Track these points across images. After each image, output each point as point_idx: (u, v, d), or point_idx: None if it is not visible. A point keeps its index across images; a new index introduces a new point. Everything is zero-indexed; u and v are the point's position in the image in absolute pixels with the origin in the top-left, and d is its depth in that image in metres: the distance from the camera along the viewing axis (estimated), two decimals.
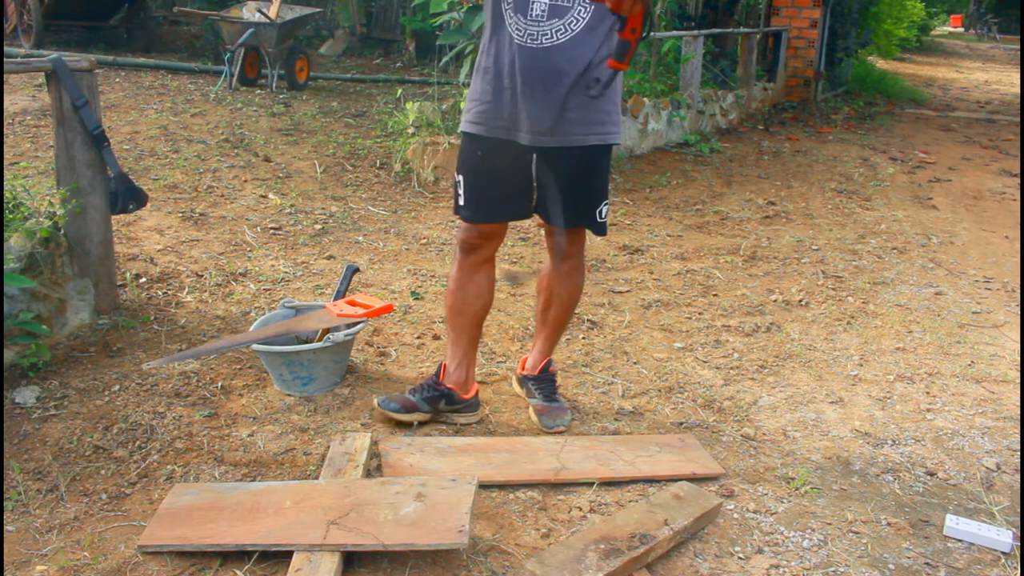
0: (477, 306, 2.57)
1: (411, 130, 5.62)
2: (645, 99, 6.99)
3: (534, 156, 2.42)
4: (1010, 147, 8.27)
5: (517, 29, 2.28)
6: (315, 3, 10.37)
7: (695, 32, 7.83)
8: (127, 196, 3.15)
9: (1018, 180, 6.78)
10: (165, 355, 2.91)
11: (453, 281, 2.56)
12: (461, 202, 2.48)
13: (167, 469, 2.31)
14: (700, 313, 3.66)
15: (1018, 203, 5.98)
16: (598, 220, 2.51)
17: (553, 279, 2.64)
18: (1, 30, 9.14)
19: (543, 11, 2.26)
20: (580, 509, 2.21)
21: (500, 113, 2.36)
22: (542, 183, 2.47)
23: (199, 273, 3.69)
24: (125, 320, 3.16)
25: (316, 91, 8.45)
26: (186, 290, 3.51)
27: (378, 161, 5.76)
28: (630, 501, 2.26)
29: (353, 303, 2.74)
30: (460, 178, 2.47)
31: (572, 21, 2.26)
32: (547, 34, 2.26)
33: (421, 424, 2.59)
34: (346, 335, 2.77)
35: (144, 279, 3.57)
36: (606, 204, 2.51)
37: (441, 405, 2.61)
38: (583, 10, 2.26)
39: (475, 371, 2.70)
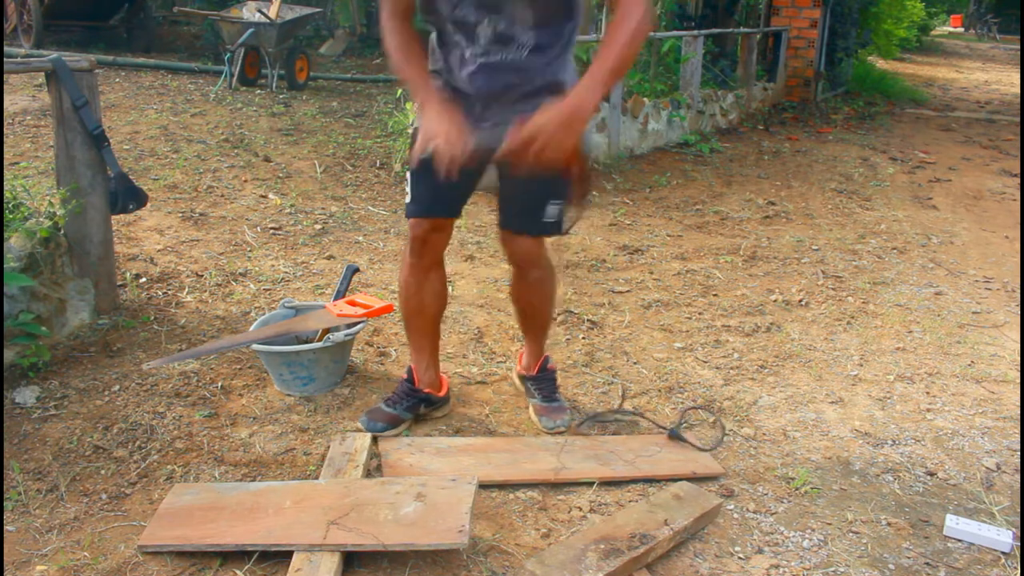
0: (435, 308, 2.57)
1: (411, 130, 5.63)
2: (645, 99, 6.98)
3: (486, 160, 2.38)
4: (1010, 147, 8.28)
5: (467, 48, 2.27)
6: (315, 3, 10.37)
7: (695, 32, 7.83)
8: (127, 196, 3.15)
9: (1018, 180, 6.78)
10: (165, 355, 2.91)
11: (408, 287, 2.53)
12: (408, 199, 2.43)
13: (167, 469, 2.31)
14: (700, 313, 3.66)
15: (1018, 203, 5.98)
16: (544, 220, 2.40)
17: (523, 291, 2.61)
18: (1, 30, 9.14)
19: (488, 41, 2.23)
20: (580, 509, 2.21)
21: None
22: (501, 188, 2.46)
23: (199, 273, 3.69)
24: (125, 320, 3.16)
25: (316, 91, 8.45)
26: (186, 290, 3.51)
27: (378, 161, 5.76)
28: (630, 501, 2.26)
29: (353, 303, 2.74)
30: (408, 175, 2.43)
31: (517, 47, 2.24)
32: (496, 55, 2.24)
33: (414, 424, 2.61)
34: (346, 335, 2.77)
35: (144, 279, 3.57)
36: (557, 204, 2.40)
37: (421, 409, 2.63)
38: (528, 38, 2.23)
39: (440, 365, 2.70)
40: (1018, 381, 3.13)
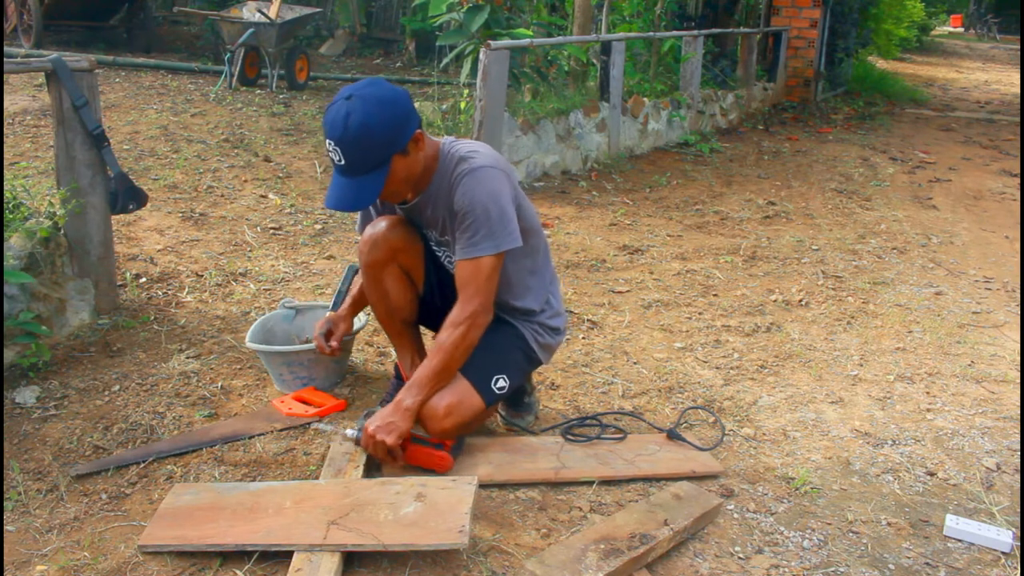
0: (405, 312, 2.55)
1: None
2: (645, 99, 6.99)
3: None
4: (1010, 147, 8.28)
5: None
6: (315, 3, 10.37)
7: (695, 32, 7.84)
8: (127, 196, 3.15)
9: (1018, 180, 6.78)
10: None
11: (373, 294, 2.52)
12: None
13: (167, 469, 2.31)
14: (700, 313, 3.66)
15: (1018, 203, 5.98)
16: (493, 388, 2.40)
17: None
18: (1, 30, 9.14)
19: (436, 242, 2.44)
20: (580, 509, 2.21)
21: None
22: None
23: (199, 273, 3.69)
24: (125, 320, 3.16)
25: (316, 91, 8.45)
26: (186, 290, 3.51)
27: None
28: (630, 501, 2.26)
29: (304, 399, 2.66)
30: None
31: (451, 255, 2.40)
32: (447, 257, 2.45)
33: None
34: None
35: (144, 279, 3.57)
36: (502, 376, 2.41)
37: None
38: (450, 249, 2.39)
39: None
40: (1018, 381, 3.12)
